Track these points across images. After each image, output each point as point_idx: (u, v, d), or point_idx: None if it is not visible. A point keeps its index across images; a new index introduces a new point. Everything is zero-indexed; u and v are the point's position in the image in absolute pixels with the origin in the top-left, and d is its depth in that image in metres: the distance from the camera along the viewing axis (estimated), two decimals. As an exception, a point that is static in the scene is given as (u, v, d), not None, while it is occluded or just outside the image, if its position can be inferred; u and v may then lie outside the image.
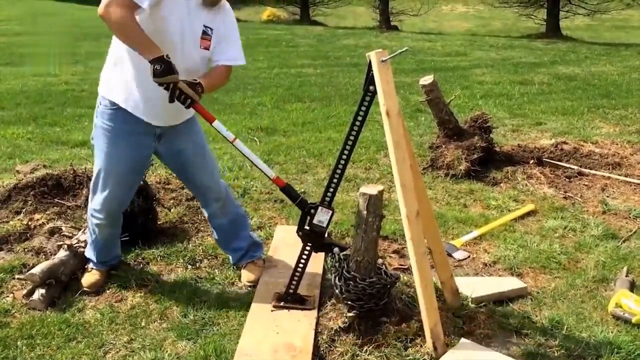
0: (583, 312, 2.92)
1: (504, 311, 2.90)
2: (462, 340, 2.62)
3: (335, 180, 2.70)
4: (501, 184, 4.62)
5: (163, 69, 2.46)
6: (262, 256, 3.32)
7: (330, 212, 2.73)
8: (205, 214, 3.24)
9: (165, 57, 2.47)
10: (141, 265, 3.34)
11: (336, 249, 2.77)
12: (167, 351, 2.61)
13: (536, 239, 3.68)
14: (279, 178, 2.84)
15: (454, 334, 2.69)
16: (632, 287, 3.09)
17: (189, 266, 3.35)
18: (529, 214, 4.06)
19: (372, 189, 2.56)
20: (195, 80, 2.66)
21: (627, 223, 3.94)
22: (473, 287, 2.98)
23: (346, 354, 2.55)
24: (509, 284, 3.10)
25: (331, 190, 2.72)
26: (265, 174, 2.83)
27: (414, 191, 2.53)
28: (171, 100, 2.56)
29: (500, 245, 3.60)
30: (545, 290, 3.11)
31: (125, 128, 2.79)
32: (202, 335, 2.71)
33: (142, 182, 3.58)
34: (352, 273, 2.66)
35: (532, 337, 2.71)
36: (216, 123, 2.75)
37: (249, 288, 3.10)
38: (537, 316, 2.87)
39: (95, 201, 2.93)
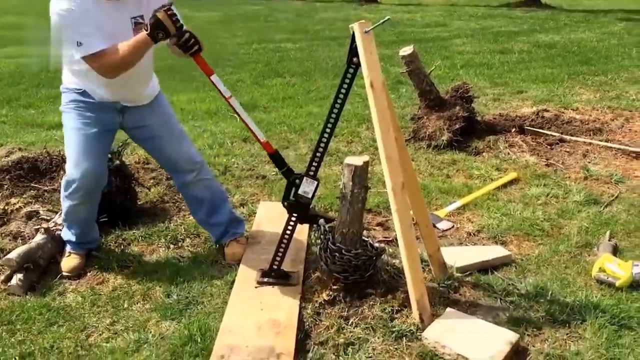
0: (567, 277, 2.92)
1: (489, 279, 2.89)
2: (448, 309, 2.61)
3: (320, 151, 2.66)
4: (483, 153, 4.60)
5: (163, 30, 2.50)
6: (245, 233, 3.28)
7: (316, 182, 2.69)
8: (180, 188, 3.19)
9: (149, 24, 2.49)
10: (122, 247, 3.28)
11: (322, 221, 2.74)
12: (150, 332, 2.57)
13: (519, 207, 3.67)
14: (269, 143, 2.79)
15: (440, 304, 2.69)
16: (615, 251, 3.10)
17: (171, 246, 3.30)
18: (511, 182, 4.06)
19: (358, 160, 2.52)
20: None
21: (608, 188, 3.95)
22: (457, 256, 2.97)
23: (332, 327, 2.53)
24: (493, 252, 3.10)
25: (316, 161, 2.67)
26: (255, 136, 2.79)
27: (399, 163, 2.49)
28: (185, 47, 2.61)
29: (484, 214, 3.60)
30: (529, 257, 3.11)
31: (89, 105, 2.82)
32: (185, 315, 2.67)
33: (118, 162, 3.51)
34: (338, 245, 2.63)
35: (517, 303, 2.71)
36: (214, 77, 2.73)
37: (233, 266, 3.06)
38: (521, 283, 2.87)
39: (70, 176, 2.86)
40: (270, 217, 3.50)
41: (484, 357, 2.31)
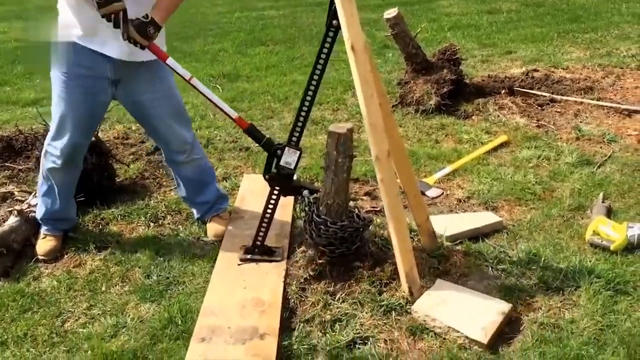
0: (560, 242, 2.83)
1: (480, 247, 2.80)
2: (438, 281, 2.52)
3: (301, 120, 2.53)
4: (473, 117, 4.48)
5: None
6: (228, 208, 3.16)
7: (298, 152, 2.57)
8: (169, 164, 3.05)
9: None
10: (100, 227, 3.16)
11: (306, 192, 2.62)
12: (129, 315, 2.47)
13: (510, 171, 3.57)
14: (242, 119, 2.66)
15: (430, 275, 2.59)
16: (609, 213, 3.02)
17: (152, 224, 3.18)
18: (502, 145, 3.94)
19: (341, 128, 2.40)
20: (146, 17, 2.45)
21: (601, 148, 3.85)
22: (447, 225, 2.87)
23: (318, 304, 2.43)
24: (483, 219, 3.00)
25: (298, 129, 2.54)
26: (226, 114, 2.65)
27: (384, 130, 2.37)
28: (123, 31, 2.43)
29: (474, 179, 3.49)
30: (521, 223, 3.02)
31: (80, 72, 2.58)
32: (166, 296, 2.57)
33: (94, 139, 3.36)
34: (323, 217, 2.53)
35: (509, 271, 2.63)
36: (170, 60, 2.56)
37: (215, 243, 2.95)
38: (513, 250, 2.78)
39: (53, 145, 2.72)
40: (254, 190, 3.38)
41: (475, 329, 2.22)
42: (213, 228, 3.02)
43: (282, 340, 2.26)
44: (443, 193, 3.40)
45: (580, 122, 4.26)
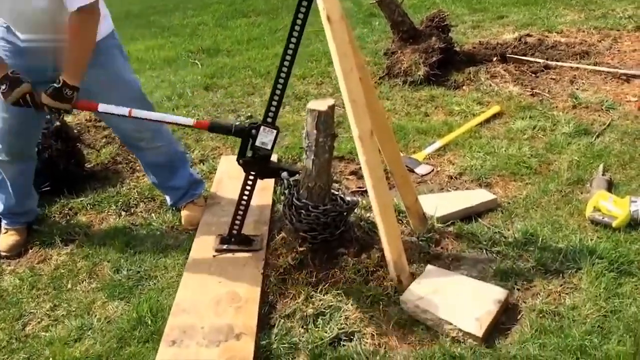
0: (558, 220, 2.65)
1: (473, 228, 2.61)
2: (428, 267, 2.34)
3: (277, 96, 2.31)
4: (463, 87, 4.25)
5: (9, 86, 2.23)
6: (204, 193, 2.96)
7: (275, 131, 2.35)
8: (134, 153, 2.84)
9: (9, 74, 2.23)
10: (68, 217, 2.95)
11: (285, 174, 2.42)
12: (95, 315, 2.28)
13: (504, 144, 3.37)
14: (200, 120, 2.44)
15: (420, 260, 2.42)
16: (610, 186, 2.83)
17: (123, 212, 2.98)
18: (495, 116, 3.73)
19: (322, 104, 2.19)
20: (58, 82, 2.23)
21: (599, 116, 3.64)
22: (438, 204, 2.68)
23: (299, 296, 2.25)
24: (476, 197, 2.81)
25: (274, 106, 2.32)
26: (183, 125, 2.46)
27: (366, 107, 2.16)
28: (40, 109, 2.31)
29: (466, 154, 3.29)
30: (516, 200, 2.83)
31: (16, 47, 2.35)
32: (136, 293, 2.38)
33: (59, 123, 3.14)
34: (304, 200, 2.33)
35: (505, 254, 2.45)
36: (101, 107, 2.33)
37: (190, 232, 2.76)
38: (509, 230, 2.60)
39: None
40: (232, 172, 3.17)
41: (469, 321, 2.04)
42: (187, 216, 2.82)
43: (261, 339, 2.08)
44: (433, 170, 3.20)
45: (577, 89, 4.04)
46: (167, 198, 2.93)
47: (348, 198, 2.45)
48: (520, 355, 1.95)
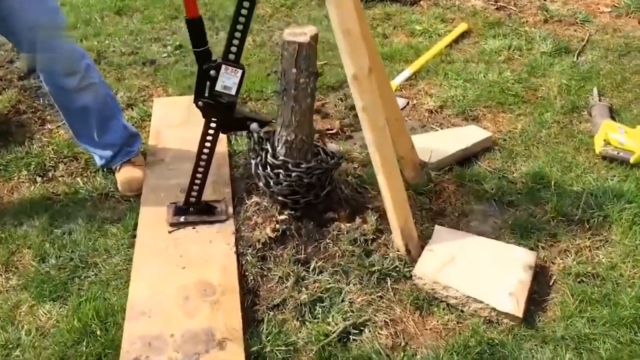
0: (565, 157, 2.32)
1: (473, 173, 2.24)
2: (437, 228, 1.95)
3: (240, 24, 1.73)
4: (421, 2, 3.77)
5: None
6: (140, 149, 2.39)
7: (240, 71, 1.80)
8: (54, 97, 2.18)
9: None
10: (-36, 190, 2.31)
11: (254, 125, 1.91)
12: (22, 326, 1.74)
13: (481, 68, 2.97)
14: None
15: (423, 219, 2.02)
16: (612, 112, 2.51)
17: (38, 178, 2.35)
18: (462, 35, 3.31)
19: (302, 35, 1.68)
20: None
21: (575, 31, 3.31)
22: (427, 147, 2.27)
23: (287, 279, 1.81)
24: (469, 135, 2.42)
25: (237, 38, 1.76)
26: None
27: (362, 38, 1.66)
28: None
29: (442, 82, 2.87)
30: (512, 136, 2.47)
31: None
32: (72, 290, 1.84)
33: None
34: (282, 158, 1.85)
35: (517, 203, 2.10)
36: None
37: (131, 199, 2.21)
38: (513, 173, 2.25)
39: None
40: (171, 120, 2.60)
41: (502, 297, 1.69)
42: (125, 179, 2.25)
43: (250, 343, 1.63)
44: (408, 103, 2.77)
45: (545, 0, 3.67)
46: (96, 158, 2.34)
47: (332, 149, 1.99)
48: (569, 335, 1.62)
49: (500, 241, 1.91)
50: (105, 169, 2.35)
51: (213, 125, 1.88)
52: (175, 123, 2.56)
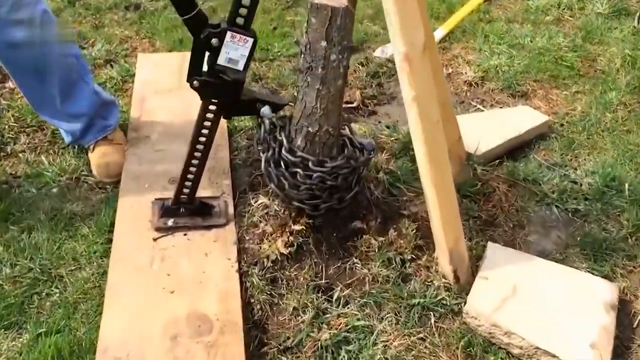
0: (639, 151, 1.91)
1: (528, 169, 1.84)
2: (490, 246, 1.55)
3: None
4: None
5: None
6: (119, 122, 1.95)
7: (250, 40, 1.34)
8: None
9: None
10: None
11: (265, 109, 1.47)
12: (-37, 369, 1.35)
13: (527, 30, 2.52)
14: None
15: (470, 230, 1.63)
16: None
17: (-8, 155, 1.93)
18: (501, -12, 2.83)
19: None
20: None
21: (633, -12, 2.83)
22: (471, 135, 1.85)
23: (304, 311, 1.42)
24: (521, 118, 2.00)
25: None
26: None
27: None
28: None
29: (482, 46, 2.42)
30: (571, 120, 2.06)
31: None
32: (31, 314, 1.45)
33: None
34: (300, 154, 1.43)
35: (584, 212, 1.71)
36: None
37: (107, 187, 1.79)
38: (576, 170, 1.85)
39: None
40: (160, 83, 2.15)
41: (583, 350, 1.32)
42: (100, 163, 1.82)
43: (257, 404, 1.26)
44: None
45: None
46: (63, 133, 1.90)
47: (363, 140, 1.57)
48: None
49: (570, 266, 1.52)
50: (74, 147, 1.92)
51: (212, 108, 1.45)
52: (164, 88, 2.11)
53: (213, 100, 1.44)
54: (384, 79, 2.27)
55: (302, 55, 1.36)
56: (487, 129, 1.91)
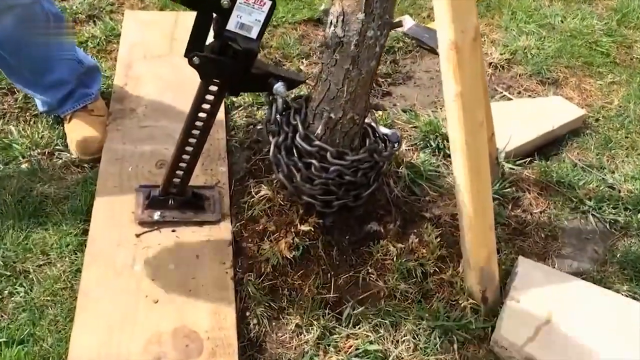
0: (682, 155, 1.73)
1: (561, 170, 1.64)
2: (520, 261, 1.37)
3: None
4: None
5: None
6: (101, 90, 1.71)
7: (269, 2, 1.10)
8: None
9: None
10: None
11: (279, 86, 1.23)
12: None
13: (557, 9, 2.30)
14: None
15: (498, 240, 1.43)
16: None
17: (-45, 119, 1.68)
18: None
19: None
20: None
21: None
22: (499, 125, 1.63)
23: (308, 330, 1.24)
24: (554, 111, 1.79)
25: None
26: None
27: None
28: None
29: (509, 24, 2.20)
30: (607, 115, 1.86)
31: None
32: (-11, 321, 1.24)
33: None
34: (317, 143, 1.22)
35: (625, 225, 1.54)
36: None
37: (85, 167, 1.56)
38: (614, 173, 1.66)
39: None
40: (150, 46, 1.90)
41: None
42: (78, 136, 1.59)
43: None
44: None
45: None
46: (37, 102, 1.66)
47: (388, 131, 1.36)
48: None
49: (609, 288, 1.35)
50: (49, 116, 1.68)
51: (214, 88, 1.22)
52: (153, 52, 1.87)
53: (215, 80, 1.21)
54: (399, 55, 2.05)
55: (332, 27, 1.14)
56: (517, 122, 1.71)
